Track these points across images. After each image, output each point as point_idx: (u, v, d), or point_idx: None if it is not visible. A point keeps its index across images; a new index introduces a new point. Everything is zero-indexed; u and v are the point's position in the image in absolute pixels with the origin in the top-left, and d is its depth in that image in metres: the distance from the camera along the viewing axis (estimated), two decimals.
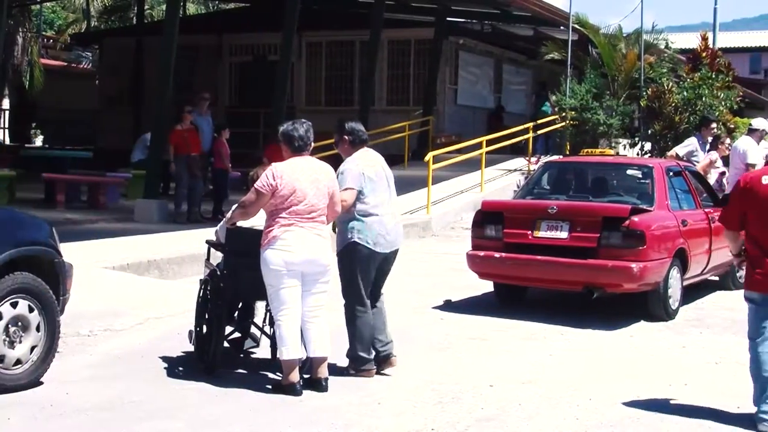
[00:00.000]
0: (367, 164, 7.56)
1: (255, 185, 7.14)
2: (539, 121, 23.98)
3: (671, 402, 6.93)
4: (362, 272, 7.52)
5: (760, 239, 6.48)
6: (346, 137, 7.63)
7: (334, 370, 7.44)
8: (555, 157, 18.24)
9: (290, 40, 21.12)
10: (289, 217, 6.97)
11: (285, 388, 6.92)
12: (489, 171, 21.22)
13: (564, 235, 9.94)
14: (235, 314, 7.96)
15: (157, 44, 19.24)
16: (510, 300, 10.83)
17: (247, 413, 6.50)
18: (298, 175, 7.04)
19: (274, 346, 7.43)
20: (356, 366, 7.52)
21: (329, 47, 29.21)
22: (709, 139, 15.05)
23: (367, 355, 7.53)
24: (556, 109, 23.45)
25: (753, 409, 6.50)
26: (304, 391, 6.92)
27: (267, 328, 7.76)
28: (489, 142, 21.34)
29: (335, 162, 7.70)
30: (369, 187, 7.49)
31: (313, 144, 7.32)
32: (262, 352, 8.01)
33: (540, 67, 32.04)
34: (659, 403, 6.89)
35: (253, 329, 8.09)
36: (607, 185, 11.33)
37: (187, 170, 16.76)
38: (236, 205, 7.44)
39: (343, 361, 7.62)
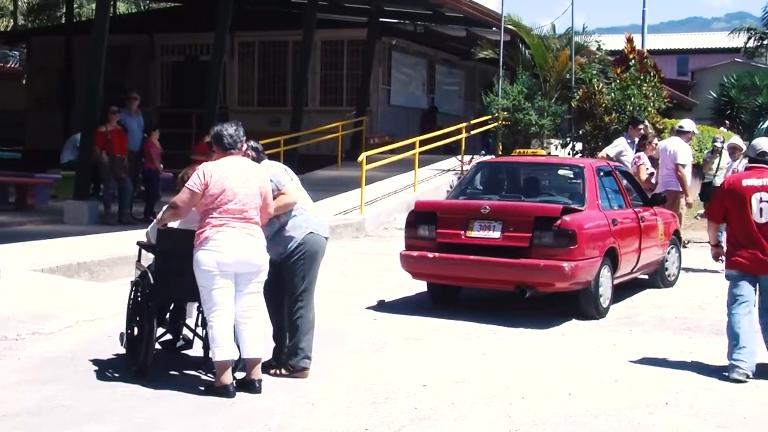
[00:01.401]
0: (286, 168, 7.66)
1: (185, 185, 7.08)
2: (473, 121, 24.09)
3: (603, 399, 7.00)
4: (317, 264, 7.59)
5: (738, 230, 7.95)
6: (250, 153, 7.58)
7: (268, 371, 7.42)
8: (488, 157, 18.36)
9: (222, 40, 20.98)
10: (221, 217, 6.92)
11: (218, 390, 6.86)
12: (422, 171, 21.30)
13: (497, 234, 9.99)
14: (167, 315, 7.88)
15: (86, 43, 18.99)
16: (443, 300, 10.87)
17: (179, 415, 6.44)
18: (228, 174, 6.99)
19: (206, 348, 7.38)
20: (295, 364, 7.49)
21: (262, 47, 29.10)
22: (637, 139, 15.24)
23: (308, 352, 7.52)
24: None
25: (682, 404, 6.74)
26: (238, 393, 6.87)
27: (199, 329, 7.70)
28: (422, 143, 21.42)
29: None
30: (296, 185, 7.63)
31: (244, 144, 7.28)
32: (195, 352, 7.94)
33: (473, 68, 32.24)
34: (591, 400, 6.96)
35: (185, 330, 8.03)
36: (539, 185, 11.42)
37: (112, 171, 16.59)
38: (167, 206, 7.37)
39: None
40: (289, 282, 7.49)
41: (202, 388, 7.00)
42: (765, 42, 52.96)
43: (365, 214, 17.65)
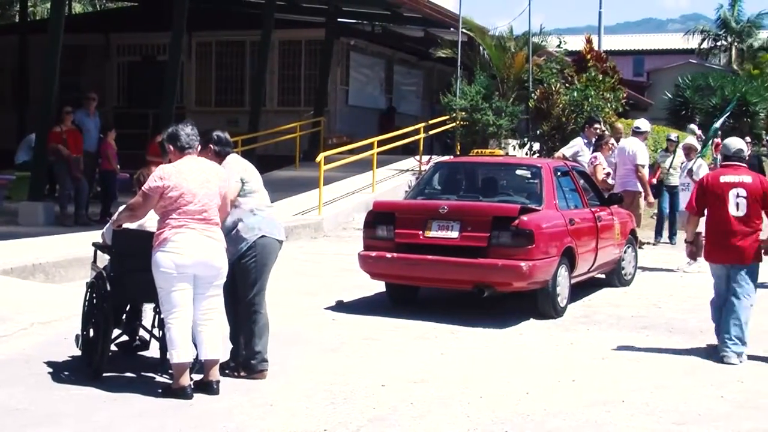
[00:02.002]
0: (243, 167, 7.58)
1: (142, 188, 7.02)
2: (431, 121, 24.15)
3: (561, 398, 7.03)
4: (269, 267, 7.56)
5: (716, 223, 8.59)
6: (212, 146, 7.51)
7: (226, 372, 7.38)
8: (446, 158, 18.40)
9: (179, 40, 20.85)
10: (180, 219, 6.87)
11: (175, 392, 6.82)
12: (381, 171, 21.30)
13: (455, 234, 10.01)
14: (123, 317, 7.82)
15: (41, 43, 18.81)
16: (402, 300, 10.87)
17: (136, 418, 6.39)
18: (186, 175, 6.95)
19: (164, 349, 7.33)
20: (255, 366, 7.46)
21: (219, 47, 28.99)
22: (593, 139, 15.34)
23: (265, 354, 7.49)
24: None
25: (638, 402, 6.85)
26: (195, 394, 6.83)
27: (156, 331, 7.65)
28: (380, 143, 21.43)
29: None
30: (253, 185, 7.54)
31: (199, 144, 7.22)
32: (151, 354, 7.89)
33: (431, 68, 32.31)
34: (549, 399, 6.99)
35: (142, 331, 7.97)
36: (497, 185, 11.45)
37: (68, 172, 16.44)
38: (123, 207, 7.32)
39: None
40: (241, 284, 7.44)
41: (160, 390, 6.94)
42: (719, 43, 53.65)
43: (323, 215, 17.63)
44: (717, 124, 16.14)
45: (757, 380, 7.69)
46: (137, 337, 8.05)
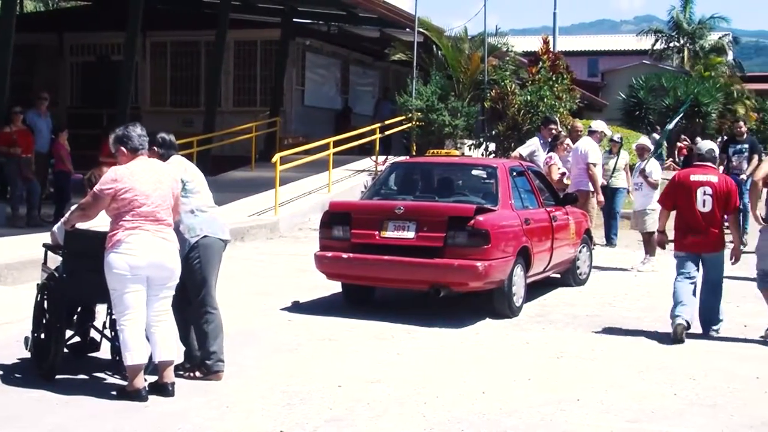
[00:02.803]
0: (184, 167, 7.58)
1: (94, 189, 6.96)
2: (386, 122, 24.17)
3: (516, 397, 7.06)
4: (215, 267, 7.52)
5: (685, 217, 9.48)
6: (156, 149, 7.48)
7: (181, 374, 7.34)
8: (402, 158, 18.41)
9: (134, 39, 20.74)
10: (134, 220, 6.82)
11: (130, 394, 6.77)
12: (337, 172, 21.28)
13: (411, 235, 10.01)
14: (75, 318, 7.74)
15: None
16: (358, 300, 10.87)
17: (90, 420, 6.33)
18: (139, 177, 6.89)
19: (116, 351, 7.27)
20: (209, 367, 7.42)
21: (174, 47, 28.81)
22: (549, 139, 15.43)
23: (220, 355, 7.46)
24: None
25: (593, 400, 6.91)
26: (150, 396, 6.78)
27: (108, 332, 7.59)
28: (336, 143, 21.40)
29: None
30: (195, 185, 7.54)
31: (147, 145, 7.17)
32: (103, 355, 7.82)
33: (387, 69, 32.33)
34: (504, 398, 7.02)
35: (93, 333, 7.90)
36: (453, 185, 11.47)
37: (19, 173, 16.26)
38: (75, 207, 7.25)
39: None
40: (188, 285, 7.39)
41: (114, 393, 6.89)
42: (671, 44, 54.20)
43: (279, 215, 17.57)
44: (670, 125, 16.28)
45: (709, 378, 7.76)
46: (89, 338, 7.97)
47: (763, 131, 46.46)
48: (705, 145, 10.04)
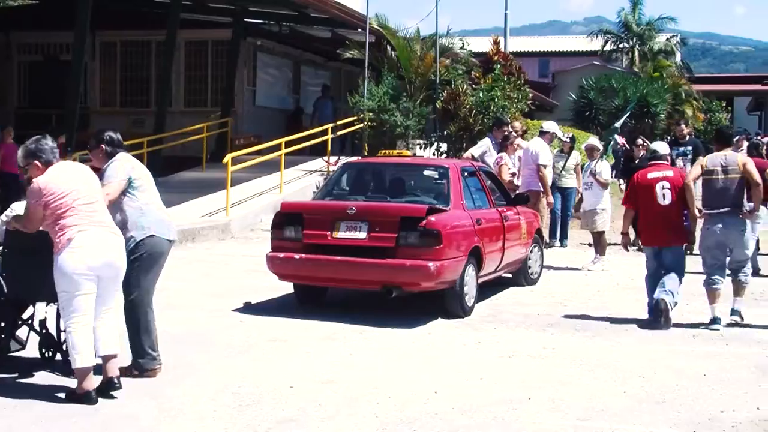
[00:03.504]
0: (132, 165, 7.53)
1: (27, 203, 6.89)
2: (339, 123, 24.16)
3: (468, 396, 7.09)
4: (159, 267, 7.53)
5: (648, 214, 10.24)
6: (104, 147, 7.47)
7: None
8: (354, 158, 18.41)
9: (82, 39, 20.55)
10: (79, 219, 6.75)
11: (80, 397, 6.70)
12: (289, 172, 21.23)
13: (363, 235, 10.02)
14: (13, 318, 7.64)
15: None
16: (310, 301, 10.85)
17: (39, 423, 6.25)
18: (63, 177, 6.86)
19: (46, 347, 7.26)
20: (144, 365, 7.39)
21: (124, 47, 28.59)
22: (500, 139, 15.51)
23: (154, 352, 7.43)
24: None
25: (544, 398, 6.94)
26: (99, 399, 6.72)
27: (44, 331, 7.55)
28: (288, 144, 21.35)
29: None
30: (142, 183, 7.48)
31: (58, 157, 7.14)
32: (28, 354, 7.73)
33: (338, 69, 32.30)
34: (457, 397, 7.04)
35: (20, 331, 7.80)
36: (405, 186, 11.49)
37: None
38: (14, 215, 7.22)
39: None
40: (130, 282, 7.35)
41: (63, 396, 6.82)
42: (621, 46, 54.66)
43: (231, 216, 17.51)
44: (617, 124, 16.40)
45: (658, 375, 7.84)
46: (15, 337, 7.84)
47: (710, 132, 47.01)
48: (657, 145, 11.07)
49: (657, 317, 9.89)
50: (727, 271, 10.13)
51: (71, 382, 6.93)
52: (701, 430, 6.39)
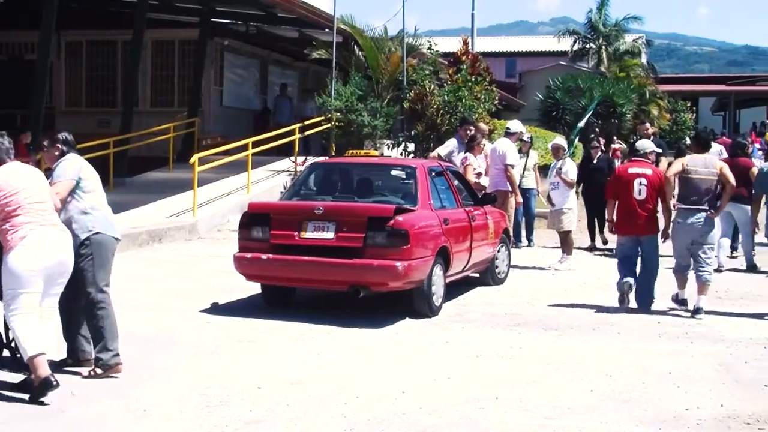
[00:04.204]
0: (81, 165, 7.60)
1: None
2: (306, 123, 24.13)
3: (436, 396, 7.11)
4: (108, 263, 7.58)
5: (624, 205, 11.15)
6: (60, 146, 7.56)
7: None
8: (321, 158, 18.38)
9: (48, 38, 20.36)
10: (28, 217, 6.77)
11: (41, 384, 6.59)
12: (256, 172, 21.19)
13: (330, 235, 10.01)
14: None
15: None
16: (277, 301, 10.83)
17: (1, 427, 6.20)
18: (15, 177, 6.88)
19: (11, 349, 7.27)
20: (107, 362, 7.38)
21: (90, 47, 28.39)
22: (466, 140, 15.53)
23: (114, 349, 7.45)
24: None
25: (511, 398, 6.96)
26: (65, 402, 6.66)
27: None
28: (255, 144, 21.30)
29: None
30: (90, 184, 7.55)
31: (12, 156, 7.13)
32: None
33: (306, 69, 32.24)
34: (424, 397, 7.05)
35: None
36: (373, 186, 11.50)
37: None
38: None
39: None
40: (81, 281, 7.38)
41: (25, 397, 6.75)
42: (587, 46, 54.93)
43: (198, 216, 17.44)
44: (581, 124, 16.41)
45: (624, 374, 7.90)
46: None
47: (675, 132, 47.39)
48: (642, 144, 11.92)
49: (620, 299, 10.96)
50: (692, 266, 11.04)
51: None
52: (667, 428, 6.44)
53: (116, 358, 7.44)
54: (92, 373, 7.39)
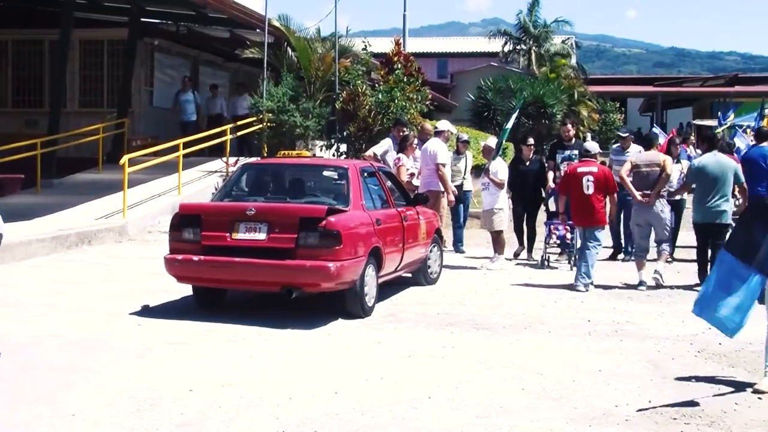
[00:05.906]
0: None
1: None
2: (239, 123, 23.99)
3: (369, 396, 7.11)
4: None
5: (575, 200, 13.08)
6: None
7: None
8: (253, 159, 18.28)
9: None
10: None
11: None
12: (187, 173, 21.03)
13: (262, 236, 9.97)
14: None
15: None
16: (209, 303, 10.76)
17: None
18: None
19: None
20: None
21: (16, 46, 27.90)
22: (399, 140, 15.58)
23: None
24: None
25: (443, 397, 6.99)
26: None
27: None
28: (186, 145, 21.12)
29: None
30: None
31: None
32: None
33: (237, 69, 32.06)
34: (357, 397, 7.05)
35: None
36: (305, 186, 11.48)
37: None
38: None
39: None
40: None
41: None
42: (518, 47, 55.44)
43: (128, 218, 17.24)
44: (508, 125, 16.52)
45: (555, 372, 7.97)
46: None
47: (605, 132, 48.04)
48: (591, 145, 13.92)
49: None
50: (653, 244, 13.11)
51: None
52: (596, 425, 6.52)
53: None
54: None
